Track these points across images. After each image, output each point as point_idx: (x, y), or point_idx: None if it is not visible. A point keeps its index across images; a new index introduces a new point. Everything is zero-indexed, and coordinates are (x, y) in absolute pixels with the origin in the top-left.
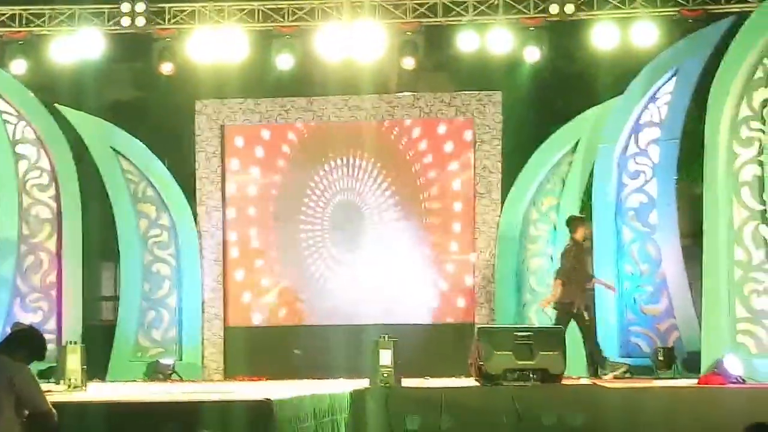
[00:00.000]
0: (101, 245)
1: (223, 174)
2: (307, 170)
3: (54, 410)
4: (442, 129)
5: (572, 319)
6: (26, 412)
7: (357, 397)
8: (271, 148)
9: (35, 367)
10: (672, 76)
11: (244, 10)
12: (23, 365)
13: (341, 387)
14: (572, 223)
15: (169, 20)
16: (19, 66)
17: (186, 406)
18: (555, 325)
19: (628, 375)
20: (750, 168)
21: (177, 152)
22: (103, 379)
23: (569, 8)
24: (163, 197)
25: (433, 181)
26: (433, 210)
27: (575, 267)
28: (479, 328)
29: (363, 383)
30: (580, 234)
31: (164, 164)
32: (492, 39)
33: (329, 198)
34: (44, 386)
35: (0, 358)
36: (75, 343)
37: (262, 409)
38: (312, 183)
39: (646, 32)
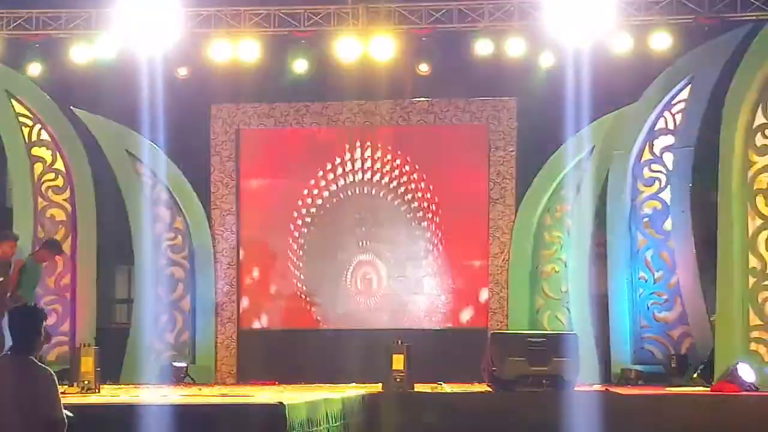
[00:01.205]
0: (115, 248)
1: (237, 178)
2: (322, 175)
3: (66, 421)
4: (456, 135)
5: None
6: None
7: (370, 401)
8: (285, 152)
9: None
10: (687, 83)
11: (260, 14)
12: (48, 370)
13: (354, 391)
14: None
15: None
16: (35, 69)
17: (199, 409)
18: None
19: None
20: (765, 176)
21: (192, 156)
22: (116, 381)
23: None
24: (177, 200)
25: (447, 187)
26: (446, 216)
27: None
28: (492, 333)
29: (376, 388)
30: None
31: (179, 168)
32: (507, 45)
33: (343, 203)
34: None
35: (25, 361)
36: (89, 345)
37: (275, 413)
38: (325, 187)
39: (661, 39)
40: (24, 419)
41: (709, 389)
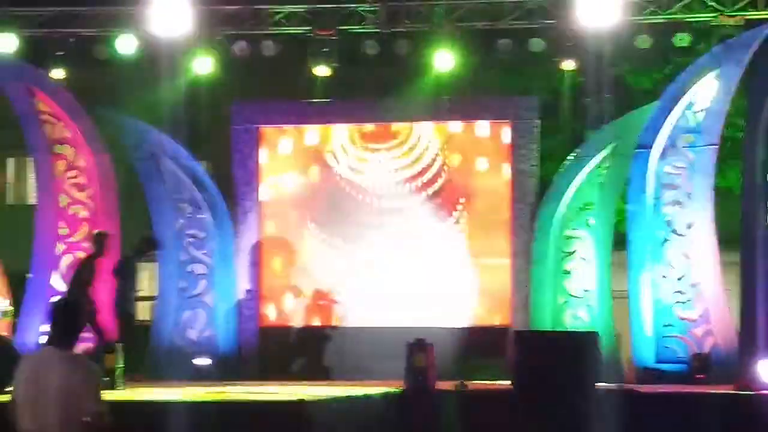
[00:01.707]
0: (138, 245)
1: (258, 175)
2: (343, 172)
3: (108, 416)
4: (479, 132)
5: None
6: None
7: (391, 399)
8: (305, 149)
9: None
10: (710, 81)
11: (280, 12)
12: (94, 364)
13: (376, 389)
14: None
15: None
16: (58, 67)
17: (221, 406)
18: None
19: None
20: None
21: (213, 153)
22: (138, 379)
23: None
24: (199, 197)
25: (469, 185)
26: (469, 213)
27: None
28: (515, 332)
29: (398, 386)
30: None
31: (200, 164)
32: (529, 44)
33: (366, 200)
34: None
35: (71, 355)
36: (111, 342)
37: (297, 411)
38: (348, 185)
39: (683, 38)
40: (69, 413)
41: (731, 388)
